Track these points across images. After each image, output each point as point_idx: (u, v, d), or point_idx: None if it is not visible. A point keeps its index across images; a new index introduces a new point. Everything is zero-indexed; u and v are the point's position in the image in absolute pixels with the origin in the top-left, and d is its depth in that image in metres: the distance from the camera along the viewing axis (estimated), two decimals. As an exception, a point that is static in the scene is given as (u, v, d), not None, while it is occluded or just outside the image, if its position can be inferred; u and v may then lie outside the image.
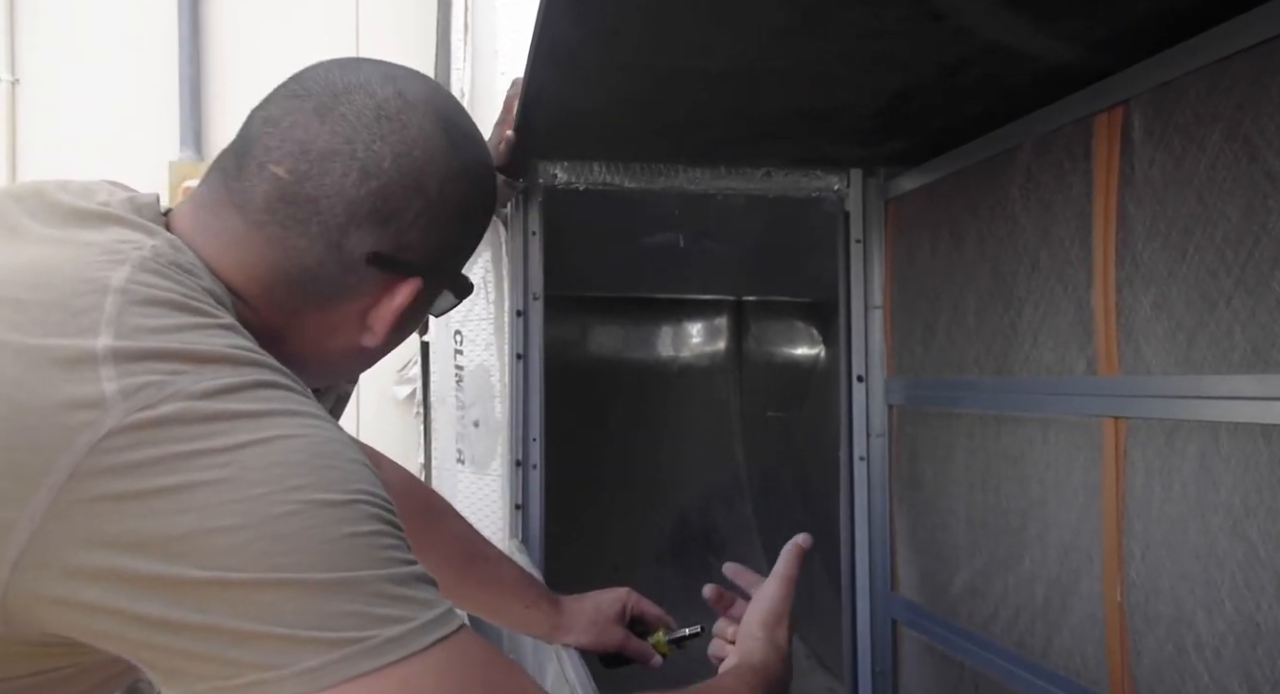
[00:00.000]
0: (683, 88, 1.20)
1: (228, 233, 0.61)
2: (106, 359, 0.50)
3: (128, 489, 0.48)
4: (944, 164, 1.52)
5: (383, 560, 0.51)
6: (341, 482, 0.51)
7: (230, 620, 0.48)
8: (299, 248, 0.60)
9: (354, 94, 0.61)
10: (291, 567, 0.48)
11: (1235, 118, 0.98)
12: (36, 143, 3.20)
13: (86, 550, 0.48)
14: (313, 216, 0.60)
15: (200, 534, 0.48)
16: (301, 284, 0.62)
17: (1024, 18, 0.99)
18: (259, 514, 0.48)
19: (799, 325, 2.42)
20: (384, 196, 0.60)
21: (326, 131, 0.60)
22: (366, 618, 0.49)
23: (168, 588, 0.48)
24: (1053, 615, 1.27)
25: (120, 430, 0.48)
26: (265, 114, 0.62)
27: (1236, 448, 0.98)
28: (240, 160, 0.62)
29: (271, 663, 0.48)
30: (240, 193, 0.61)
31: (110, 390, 0.49)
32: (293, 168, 0.60)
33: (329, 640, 0.48)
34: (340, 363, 0.69)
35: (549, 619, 1.06)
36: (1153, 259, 1.10)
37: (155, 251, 0.56)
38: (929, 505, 1.58)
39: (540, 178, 1.60)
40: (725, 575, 0.97)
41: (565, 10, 0.96)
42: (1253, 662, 0.96)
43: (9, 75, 3.21)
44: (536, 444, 1.59)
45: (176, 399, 0.49)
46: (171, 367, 0.50)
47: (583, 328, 2.42)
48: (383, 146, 0.60)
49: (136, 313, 0.52)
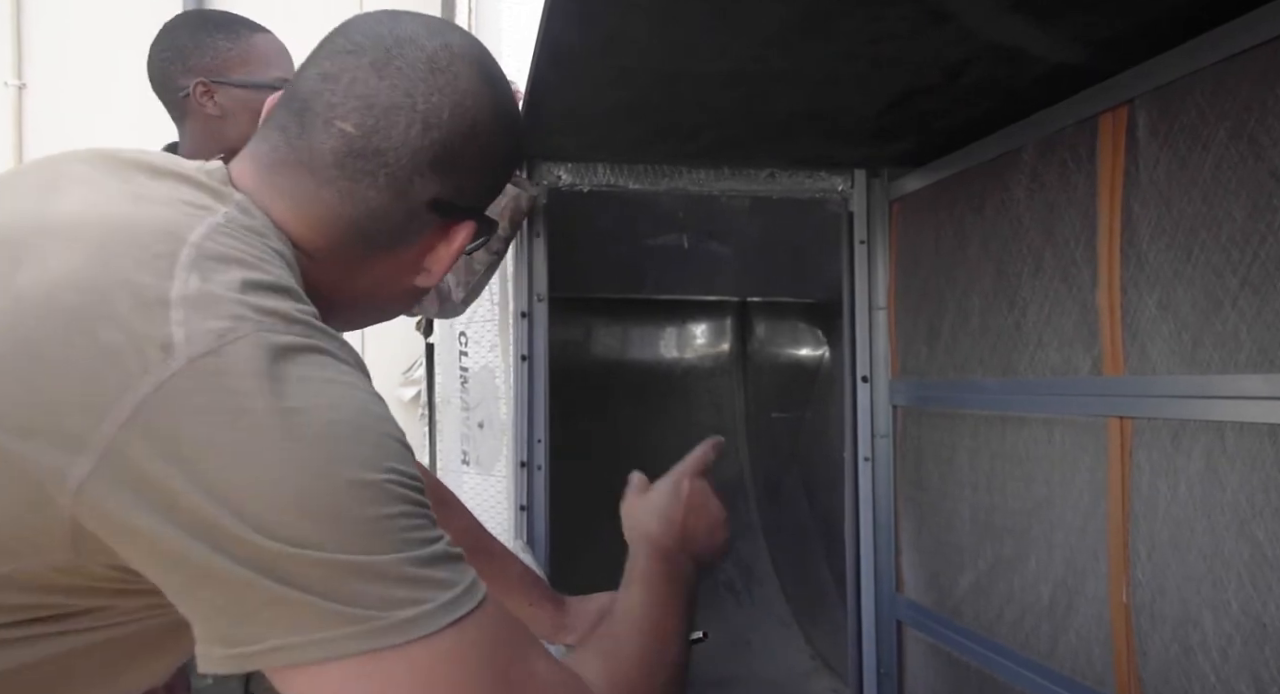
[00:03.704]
0: (686, 90, 1.21)
1: (298, 191, 0.64)
2: (179, 303, 0.52)
3: (186, 432, 0.50)
4: (948, 164, 1.52)
5: (407, 542, 0.53)
6: (376, 459, 0.53)
7: (263, 579, 0.50)
8: (367, 198, 0.64)
9: (405, 47, 0.64)
10: (321, 545, 0.50)
11: (1241, 117, 0.98)
12: (43, 147, 3.21)
13: (146, 482, 0.50)
14: (380, 168, 0.63)
15: (242, 492, 0.50)
16: (369, 233, 0.65)
17: (1028, 18, 0.98)
18: (294, 488, 0.51)
19: (803, 326, 2.42)
20: (444, 145, 0.64)
21: (386, 86, 0.63)
22: (386, 599, 0.51)
23: (212, 532, 0.50)
24: (1058, 616, 1.27)
25: (183, 374, 0.50)
26: (319, 71, 0.65)
27: (1243, 448, 0.98)
28: (301, 118, 0.64)
29: (293, 627, 0.50)
30: (306, 150, 0.64)
31: (179, 334, 0.51)
32: (359, 123, 0.63)
33: (348, 616, 0.50)
34: (390, 304, 0.74)
35: (552, 619, 1.06)
36: (1158, 259, 1.09)
37: (228, 217, 0.59)
38: (934, 506, 1.57)
39: (545, 180, 1.60)
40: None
41: (568, 13, 0.96)
42: (1259, 662, 0.96)
43: (15, 80, 3.23)
44: (541, 445, 1.59)
45: (236, 345, 0.52)
46: (235, 313, 0.53)
47: (587, 329, 2.43)
48: (440, 99, 0.64)
49: (209, 266, 0.54)
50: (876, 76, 1.16)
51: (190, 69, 1.39)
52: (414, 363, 3.14)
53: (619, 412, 2.38)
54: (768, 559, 2.40)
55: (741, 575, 2.39)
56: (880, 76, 1.16)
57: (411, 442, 0.58)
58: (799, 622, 2.30)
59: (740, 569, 2.39)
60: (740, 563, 2.40)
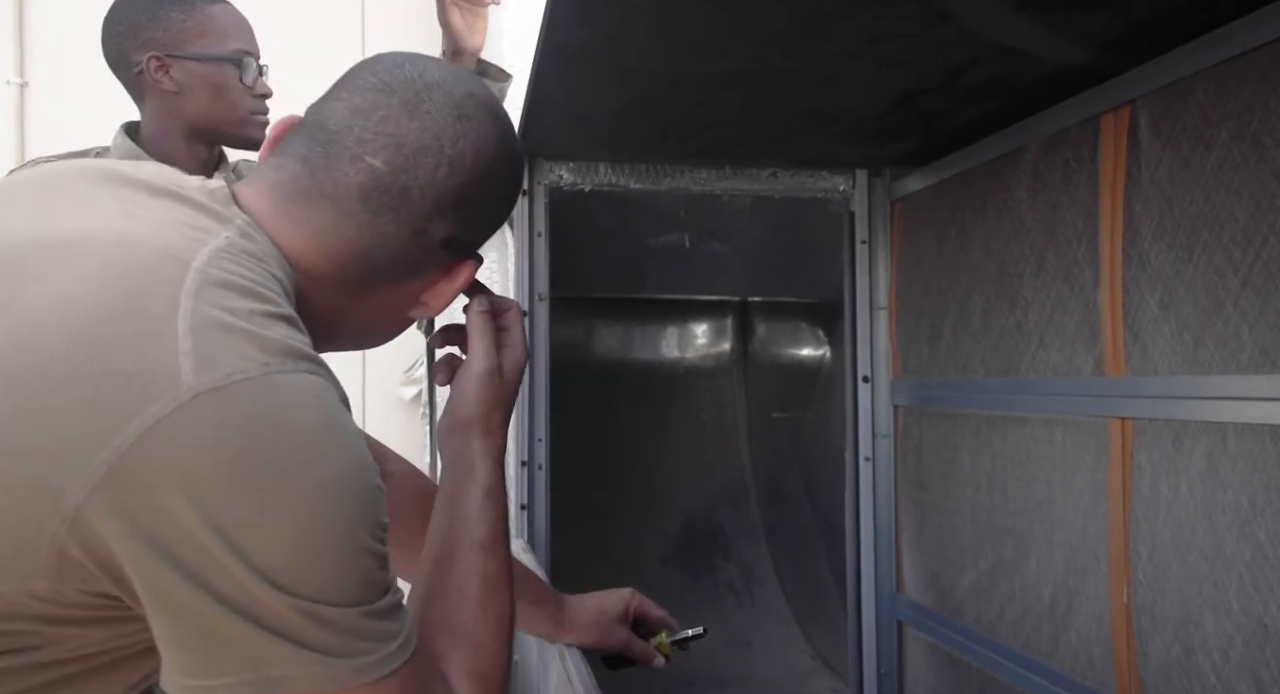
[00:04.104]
0: (688, 90, 1.20)
1: (315, 220, 0.65)
2: (186, 333, 0.52)
3: (187, 466, 0.51)
4: (950, 164, 1.51)
5: (368, 597, 0.56)
6: (367, 515, 0.56)
7: (240, 620, 0.52)
8: (386, 232, 0.66)
9: (434, 92, 0.66)
10: (305, 592, 0.53)
11: (1243, 118, 0.98)
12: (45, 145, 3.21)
13: (140, 512, 0.51)
14: (403, 205, 0.65)
15: (236, 531, 0.51)
16: (379, 265, 0.67)
17: (1031, 18, 0.98)
18: (290, 535, 0.52)
19: (804, 326, 2.42)
20: (464, 189, 0.67)
21: (416, 127, 0.65)
22: (340, 648, 0.55)
23: (199, 567, 0.51)
24: (1059, 616, 1.27)
25: (190, 407, 0.51)
26: (348, 106, 0.66)
27: (1244, 448, 0.98)
28: (327, 149, 0.65)
29: (249, 666, 0.53)
30: (330, 182, 0.65)
31: (186, 366, 0.51)
32: (389, 160, 0.65)
33: (310, 659, 0.54)
34: (379, 332, 0.75)
35: (553, 618, 1.06)
36: (1160, 259, 1.09)
37: (229, 241, 0.59)
38: (935, 506, 1.57)
39: (546, 179, 1.60)
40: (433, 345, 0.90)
41: (570, 13, 0.96)
42: (1260, 663, 0.96)
43: (17, 78, 3.23)
44: (542, 445, 1.59)
45: (245, 386, 0.52)
46: (243, 352, 0.53)
47: (588, 329, 2.42)
48: (465, 144, 0.67)
49: (215, 293, 0.55)
50: (878, 76, 1.16)
51: (144, 43, 1.32)
52: (415, 362, 3.14)
53: (620, 411, 2.38)
54: (768, 559, 2.40)
55: (742, 575, 2.39)
56: (882, 76, 1.16)
57: (412, 441, 0.58)
58: (799, 621, 2.30)
59: (741, 569, 2.39)
60: (741, 562, 2.40)
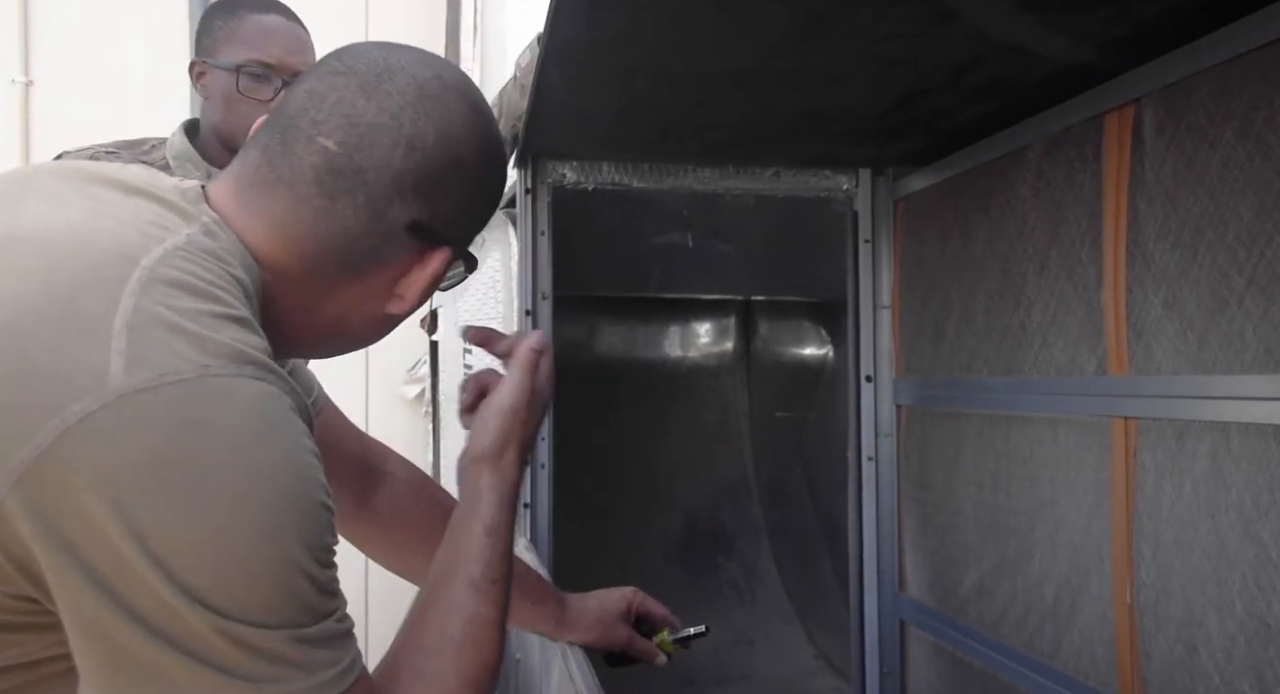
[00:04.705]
0: (691, 89, 1.20)
1: (275, 208, 0.62)
2: (120, 331, 0.50)
3: (108, 468, 0.49)
4: (953, 164, 1.51)
5: (299, 621, 0.53)
6: (297, 532, 0.52)
7: (152, 638, 0.49)
8: (344, 216, 0.62)
9: (396, 74, 0.63)
10: (224, 610, 0.50)
11: (1247, 116, 0.97)
12: (49, 144, 3.22)
13: (57, 515, 0.49)
14: (359, 187, 0.62)
15: (156, 539, 0.49)
16: (343, 254, 0.63)
17: (1035, 18, 0.98)
18: (211, 547, 0.50)
19: (807, 325, 2.42)
20: (426, 170, 0.63)
21: (374, 107, 0.62)
22: (268, 674, 0.51)
23: (114, 576, 0.49)
24: (1062, 616, 1.27)
25: (115, 406, 0.49)
26: (308, 88, 0.63)
27: (1248, 448, 0.98)
28: (285, 135, 0.63)
29: (168, 688, 0.50)
30: (287, 167, 0.62)
31: (116, 365, 0.49)
32: (342, 140, 0.61)
33: (216, 683, 0.50)
34: (358, 333, 0.70)
35: (555, 616, 1.06)
36: (1164, 258, 1.09)
37: (189, 239, 0.57)
38: (937, 506, 1.57)
39: (549, 178, 1.60)
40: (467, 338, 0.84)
41: (574, 12, 0.96)
42: (1264, 662, 0.96)
43: (22, 76, 3.23)
44: (545, 443, 1.59)
45: (177, 388, 0.50)
46: (181, 352, 0.51)
47: (591, 327, 2.42)
48: (426, 123, 0.63)
49: (160, 292, 0.52)
50: (882, 76, 1.16)
51: (196, 47, 1.36)
52: (418, 361, 3.14)
53: (623, 410, 2.38)
54: (771, 558, 2.40)
55: (744, 574, 2.39)
56: (885, 76, 1.16)
57: (415, 439, 0.57)
58: (802, 621, 2.30)
59: (743, 568, 2.39)
60: (743, 562, 2.40)
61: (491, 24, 2.66)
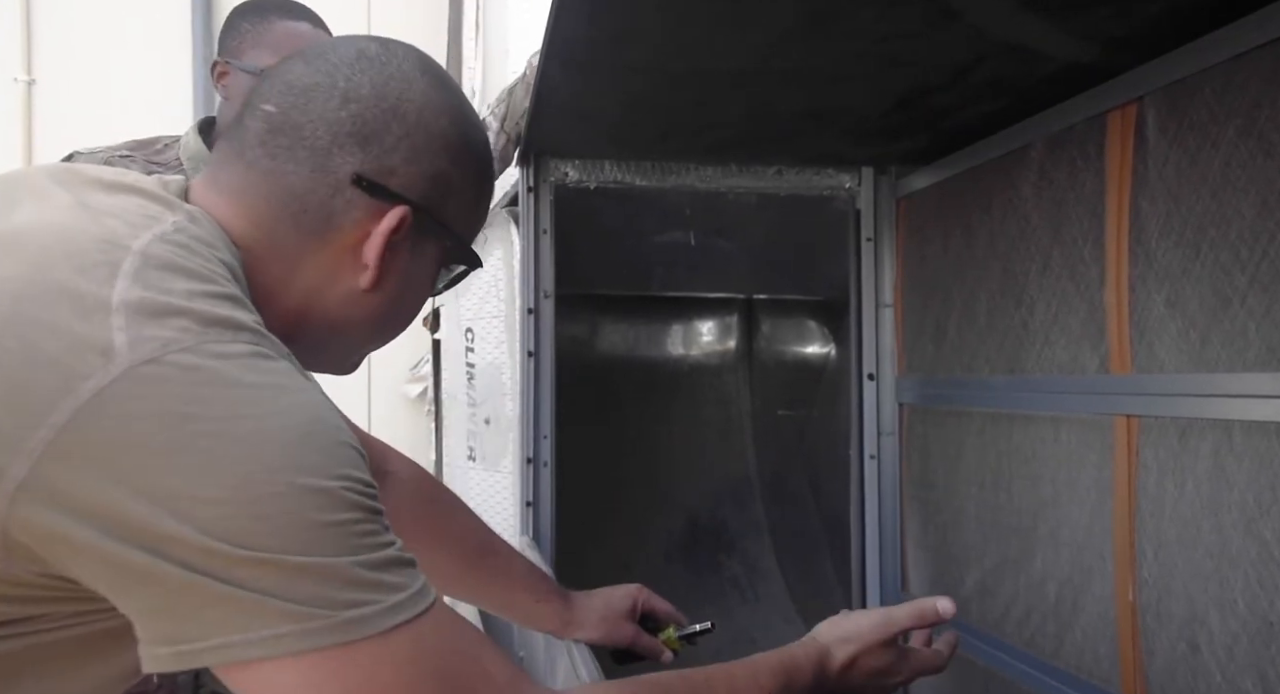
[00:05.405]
0: (694, 87, 1.21)
1: (233, 182, 0.65)
2: (120, 309, 0.51)
3: (126, 439, 0.49)
4: (956, 162, 1.51)
5: (356, 546, 0.53)
6: (325, 466, 0.53)
7: (207, 580, 0.50)
8: (288, 172, 0.64)
9: (340, 45, 0.67)
10: (269, 547, 0.50)
11: (1250, 115, 0.97)
12: (52, 142, 3.23)
13: (82, 491, 0.49)
14: (299, 143, 0.64)
15: (187, 498, 0.50)
16: (295, 214, 0.64)
17: (1038, 16, 0.98)
18: (243, 492, 0.50)
19: (810, 324, 2.42)
20: (363, 118, 0.64)
21: (311, 70, 0.65)
22: (333, 599, 0.51)
23: (153, 539, 0.49)
24: (1064, 615, 1.27)
25: (125, 379, 0.50)
26: (266, 75, 0.68)
27: (1250, 446, 0.98)
28: (241, 115, 0.67)
29: (239, 625, 0.50)
30: (239, 140, 0.65)
31: (120, 340, 0.50)
32: (279, 102, 0.64)
33: (295, 613, 0.51)
34: (340, 315, 0.68)
35: (560, 614, 1.06)
36: (1166, 257, 1.09)
37: (176, 226, 0.59)
38: (940, 504, 1.57)
39: (551, 176, 1.60)
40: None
41: (577, 11, 0.96)
42: (1266, 661, 0.96)
43: (25, 75, 3.24)
44: (548, 442, 1.59)
45: (181, 356, 0.51)
46: (180, 325, 0.52)
47: (593, 326, 2.43)
48: (362, 77, 0.65)
49: (153, 274, 0.54)
50: (884, 76, 1.16)
51: (220, 48, 1.37)
52: (420, 359, 3.14)
53: (625, 408, 2.38)
54: (773, 556, 2.40)
55: (746, 573, 2.39)
56: (888, 76, 1.16)
57: (418, 438, 0.57)
58: (804, 619, 2.30)
59: (745, 566, 2.39)
60: (745, 560, 2.40)
61: (493, 22, 2.66)
